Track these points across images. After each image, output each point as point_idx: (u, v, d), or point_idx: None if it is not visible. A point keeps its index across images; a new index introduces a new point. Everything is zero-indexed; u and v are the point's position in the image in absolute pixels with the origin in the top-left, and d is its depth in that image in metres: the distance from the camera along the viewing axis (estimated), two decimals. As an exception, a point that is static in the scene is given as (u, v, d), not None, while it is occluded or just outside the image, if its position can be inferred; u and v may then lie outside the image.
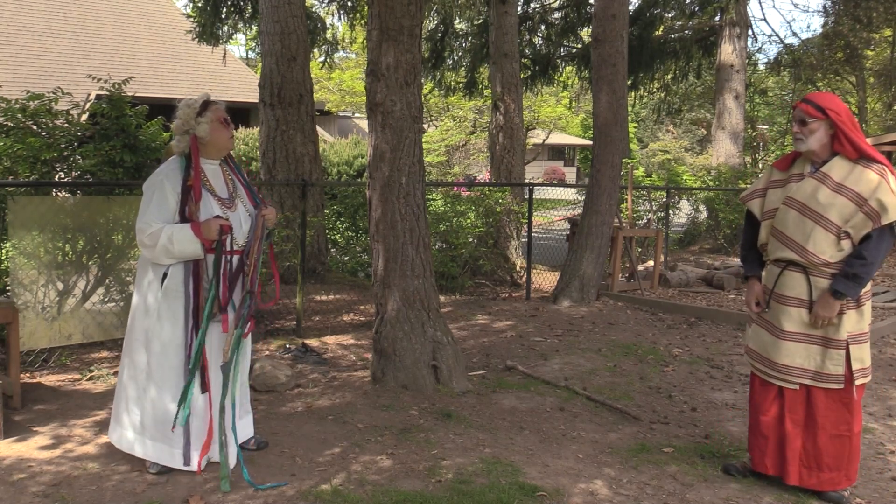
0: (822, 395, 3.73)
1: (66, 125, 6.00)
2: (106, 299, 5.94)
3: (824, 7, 22.40)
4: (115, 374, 5.19)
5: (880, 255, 3.64)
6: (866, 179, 3.61)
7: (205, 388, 3.73)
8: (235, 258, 3.80)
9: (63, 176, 6.08)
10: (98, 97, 6.52)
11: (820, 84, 24.36)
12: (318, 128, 10.89)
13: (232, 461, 3.77)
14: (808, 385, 3.75)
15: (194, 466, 3.72)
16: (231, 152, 4.03)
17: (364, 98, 5.78)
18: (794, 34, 42.72)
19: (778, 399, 3.85)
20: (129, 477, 3.73)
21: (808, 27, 57.03)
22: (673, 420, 4.98)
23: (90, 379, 5.39)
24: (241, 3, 12.76)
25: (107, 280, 5.95)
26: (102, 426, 4.37)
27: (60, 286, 5.75)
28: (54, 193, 5.93)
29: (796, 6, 54.80)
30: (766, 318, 3.91)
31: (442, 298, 7.87)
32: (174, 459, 3.73)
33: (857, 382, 3.71)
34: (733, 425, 4.88)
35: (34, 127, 5.85)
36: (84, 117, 6.42)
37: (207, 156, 3.83)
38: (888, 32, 23.52)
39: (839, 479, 3.76)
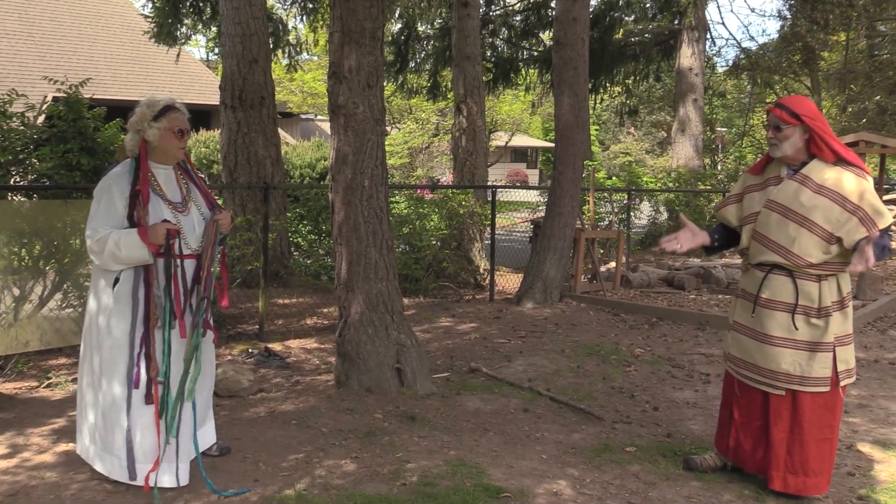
0: (808, 399, 3.70)
1: (22, 128, 5.88)
2: (64, 305, 5.83)
3: (780, 12, 22.86)
4: (74, 380, 5.10)
5: (887, 252, 3.70)
6: (848, 183, 3.62)
7: (150, 399, 3.62)
8: (188, 262, 3.74)
9: (19, 179, 5.96)
10: (55, 99, 6.40)
11: (777, 87, 24.80)
12: (280, 130, 10.82)
13: (183, 479, 3.69)
14: (794, 390, 3.71)
15: (140, 482, 3.60)
16: (185, 156, 3.95)
17: (326, 100, 5.76)
18: (752, 38, 43.47)
19: (763, 404, 3.81)
20: (88, 486, 3.67)
21: (764, 31, 58.19)
22: (635, 419, 5.03)
23: (48, 386, 5.30)
24: (201, 4, 12.64)
25: (64, 285, 5.85)
26: (60, 434, 4.30)
27: (17, 292, 5.64)
28: (10, 197, 5.81)
29: (753, 10, 55.82)
30: (748, 324, 3.86)
31: (405, 301, 7.87)
32: (115, 471, 3.63)
33: (843, 383, 3.71)
34: (694, 424, 4.94)
35: (-12, 130, 5.74)
36: (40, 120, 6.30)
37: (157, 160, 3.75)
38: (842, 36, 24.04)
39: (822, 484, 3.75)
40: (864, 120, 24.49)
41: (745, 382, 3.89)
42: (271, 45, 11.96)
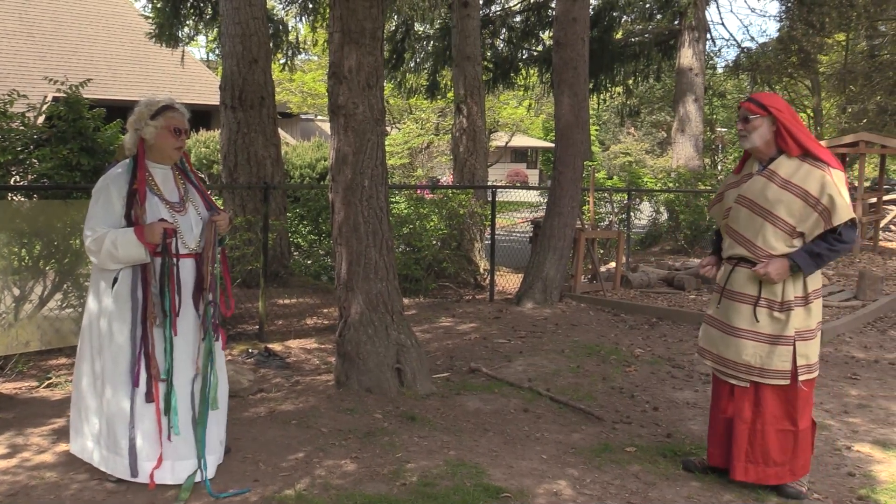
0: (769, 391, 3.80)
1: (22, 128, 5.89)
2: (64, 305, 5.83)
3: (781, 11, 22.86)
4: (73, 382, 5.10)
5: (845, 248, 3.75)
6: (813, 178, 3.70)
7: (151, 397, 3.63)
8: (186, 262, 3.74)
9: (19, 179, 5.96)
10: (55, 99, 6.41)
11: (777, 87, 24.80)
12: (280, 130, 10.82)
13: (199, 474, 3.69)
14: (756, 382, 3.81)
15: (143, 478, 3.61)
16: (185, 156, 3.94)
17: (326, 100, 5.76)
18: (752, 38, 43.44)
19: (729, 395, 3.92)
20: (88, 486, 3.67)
21: (765, 32, 58.21)
22: (635, 420, 5.03)
23: (48, 386, 5.30)
24: (202, 5, 12.64)
25: (64, 285, 5.85)
26: (60, 434, 4.30)
27: (17, 292, 5.64)
28: (10, 197, 5.82)
29: (753, 11, 55.81)
30: (715, 316, 3.99)
31: (405, 301, 7.87)
32: (119, 469, 3.64)
33: (801, 378, 3.78)
34: (694, 424, 4.94)
35: (-12, 130, 5.74)
36: (40, 120, 6.30)
37: (154, 160, 3.76)
38: (842, 37, 24.03)
39: (783, 474, 3.83)
40: (865, 120, 24.49)
41: (716, 375, 4.00)
42: (271, 46, 11.96)
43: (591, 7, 14.98)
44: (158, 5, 12.65)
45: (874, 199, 14.98)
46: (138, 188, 3.64)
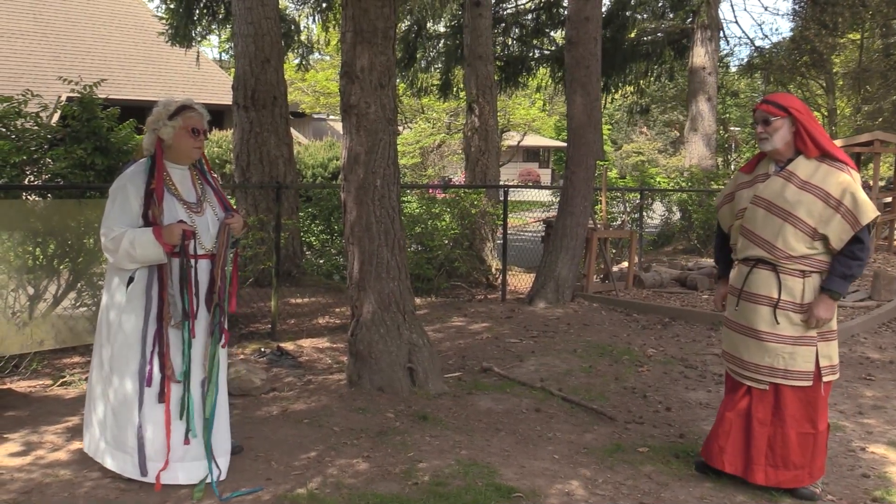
0: (790, 393, 3.77)
1: (36, 128, 5.92)
2: (78, 304, 5.87)
3: (794, 10, 22.70)
4: (87, 379, 5.12)
5: (869, 252, 3.74)
6: (833, 178, 3.67)
7: (163, 398, 3.62)
8: (202, 263, 3.75)
9: (33, 179, 5.99)
10: (69, 99, 6.45)
11: (791, 86, 24.65)
12: (292, 130, 10.85)
13: (213, 474, 3.70)
14: (777, 384, 3.78)
15: (150, 478, 3.62)
16: (203, 157, 3.96)
17: (338, 100, 5.78)
18: (765, 36, 43.19)
19: (747, 398, 3.88)
20: (101, 483, 3.68)
21: (777, 30, 57.84)
22: (648, 420, 5.01)
23: (62, 385, 5.32)
24: (214, 5, 12.70)
25: (78, 284, 5.88)
26: (74, 432, 4.32)
27: (31, 291, 5.67)
28: (24, 197, 5.85)
29: (766, 9, 55.49)
30: (733, 318, 3.96)
31: (417, 301, 7.87)
32: (128, 468, 3.64)
33: (825, 379, 3.76)
34: (707, 424, 4.91)
35: (3, 130, 5.77)
36: (54, 120, 6.34)
37: (172, 160, 3.77)
38: (856, 36, 23.87)
39: (803, 477, 3.80)
40: (880, 119, 24.33)
41: (733, 378, 3.98)
42: (283, 45, 11.99)
43: (604, 6, 14.93)
44: (172, 6, 12.71)
45: (889, 199, 14.88)
46: (156, 188, 3.65)
